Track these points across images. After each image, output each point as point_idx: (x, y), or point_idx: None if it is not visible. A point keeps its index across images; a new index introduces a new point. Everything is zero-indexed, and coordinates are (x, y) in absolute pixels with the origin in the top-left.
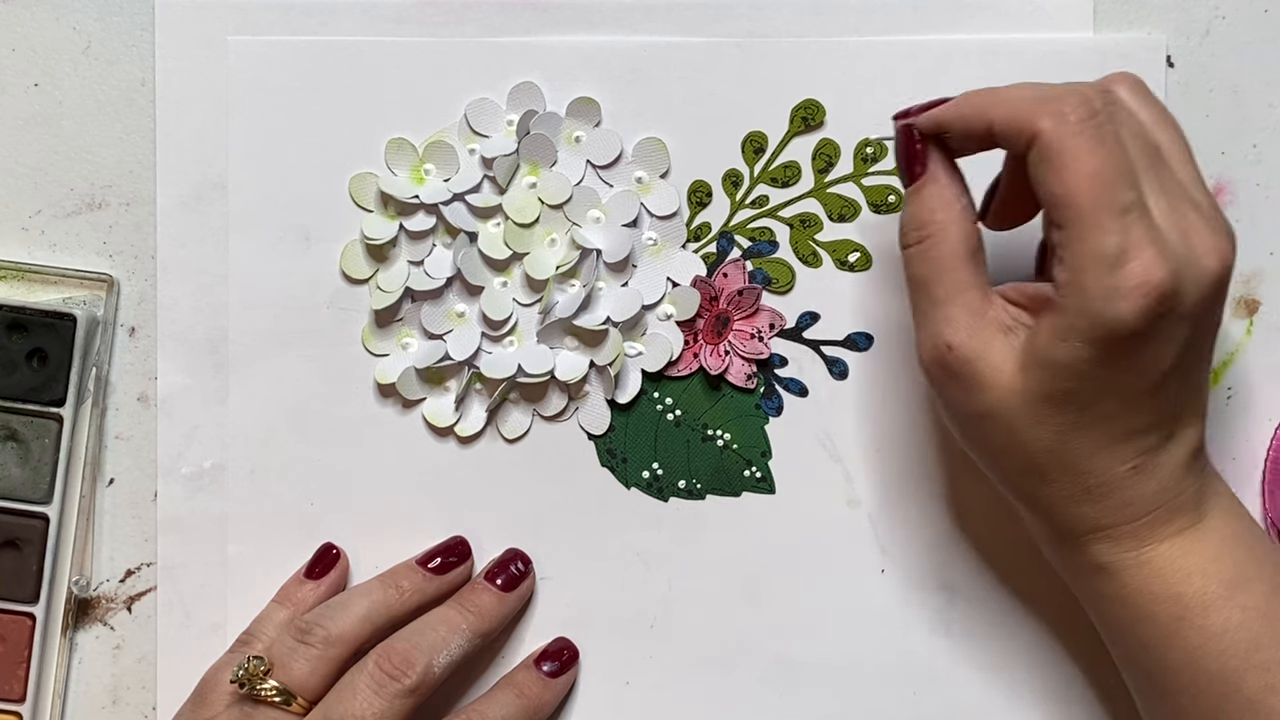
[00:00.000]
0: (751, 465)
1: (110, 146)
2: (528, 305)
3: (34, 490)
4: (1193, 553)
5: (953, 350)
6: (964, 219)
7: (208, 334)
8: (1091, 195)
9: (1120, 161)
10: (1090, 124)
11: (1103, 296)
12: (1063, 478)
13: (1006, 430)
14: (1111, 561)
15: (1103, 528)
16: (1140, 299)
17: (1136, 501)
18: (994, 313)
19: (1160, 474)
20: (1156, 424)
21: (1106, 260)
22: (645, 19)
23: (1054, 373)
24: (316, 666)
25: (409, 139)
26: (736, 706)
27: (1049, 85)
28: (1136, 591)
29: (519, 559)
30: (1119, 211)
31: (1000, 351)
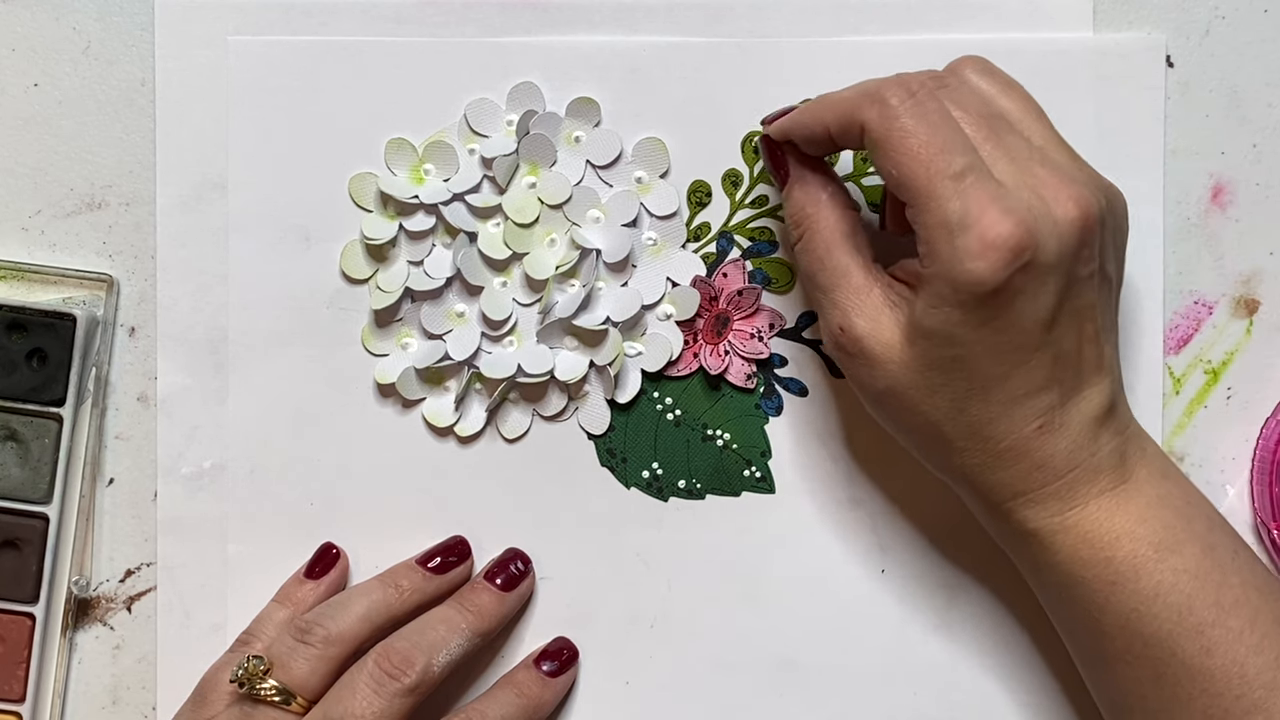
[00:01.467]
0: (751, 465)
1: (110, 146)
2: (527, 305)
3: (34, 490)
4: (1119, 515)
5: (844, 332)
6: (832, 207)
7: (208, 334)
8: (923, 169)
9: (947, 133)
10: (910, 103)
11: (956, 260)
12: (972, 445)
13: (908, 404)
14: (1038, 527)
15: (1022, 492)
16: (992, 256)
17: (1049, 463)
18: (879, 291)
19: (1070, 432)
20: (1054, 380)
21: (951, 226)
22: (645, 19)
23: (934, 341)
24: (316, 666)
25: (409, 139)
26: (736, 706)
27: (876, 80)
28: (1067, 557)
29: (519, 559)
30: (953, 178)
31: (888, 328)
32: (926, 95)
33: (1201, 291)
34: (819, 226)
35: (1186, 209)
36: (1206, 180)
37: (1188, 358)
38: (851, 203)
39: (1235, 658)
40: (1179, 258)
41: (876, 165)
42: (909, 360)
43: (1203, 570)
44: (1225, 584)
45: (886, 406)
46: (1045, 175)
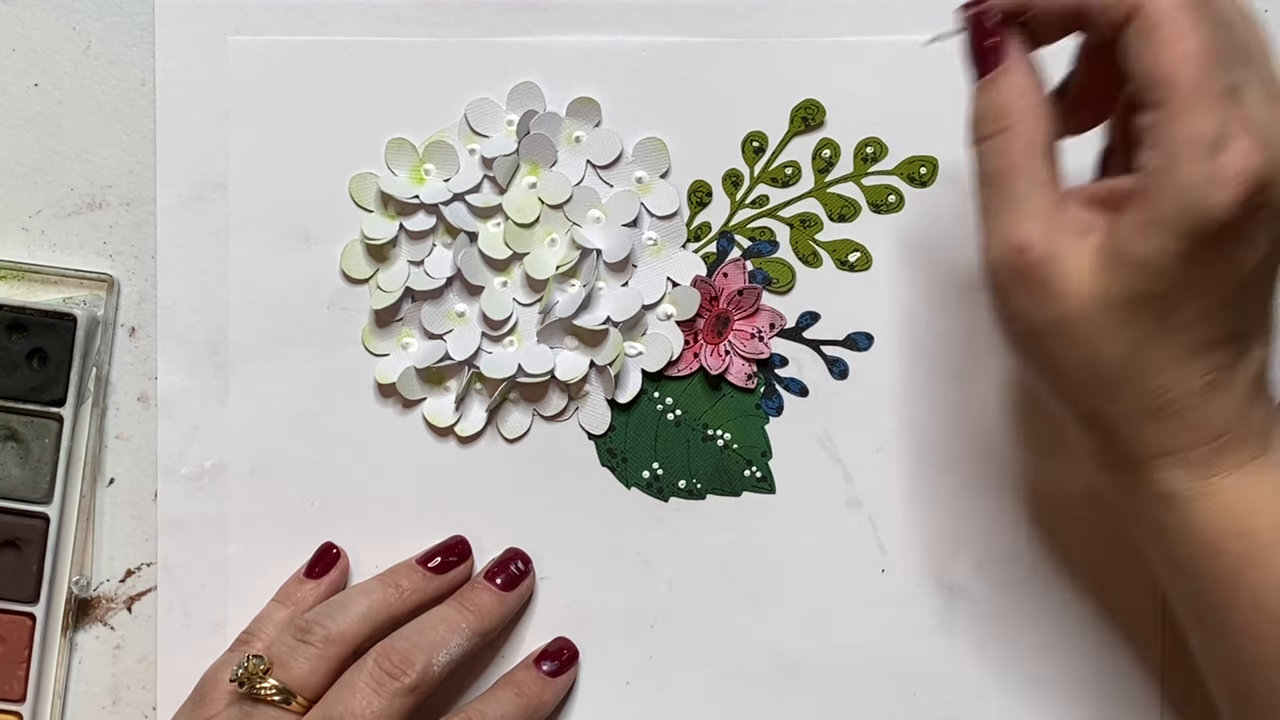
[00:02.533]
0: (751, 465)
1: (110, 146)
2: (528, 305)
3: (34, 490)
4: (1261, 486)
5: (1026, 251)
6: (1045, 111)
7: (208, 334)
8: (1194, 74)
9: (1223, 44)
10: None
11: (1199, 184)
12: (1133, 394)
13: (1078, 341)
14: (1176, 490)
15: (1170, 451)
16: (1238, 186)
17: (1207, 423)
18: (1071, 213)
19: (1233, 393)
20: (1232, 336)
21: (1204, 144)
22: (645, 19)
23: (1136, 271)
24: (316, 665)
25: (409, 139)
26: (736, 706)
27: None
28: (1203, 526)
29: (519, 559)
30: (1219, 94)
31: (1075, 255)
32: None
33: None
34: (1029, 126)
35: None
36: None
37: None
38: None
39: None
40: None
41: (1131, 51)
42: (1095, 291)
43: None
44: None
45: (1047, 343)
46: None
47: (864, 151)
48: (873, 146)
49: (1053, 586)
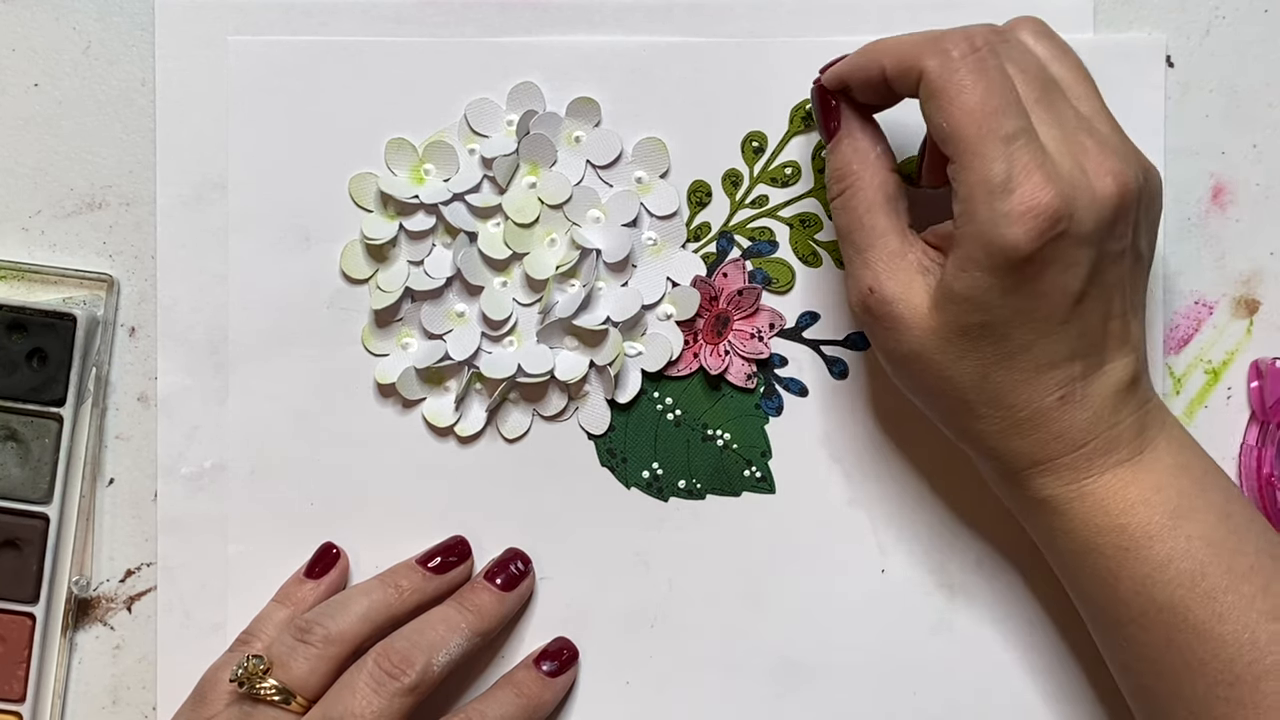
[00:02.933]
0: (751, 465)
1: (110, 146)
2: (528, 305)
3: (34, 490)
4: (1135, 484)
5: (873, 293)
6: (879, 168)
7: (208, 334)
8: (975, 125)
9: (1004, 92)
10: (972, 58)
11: (993, 222)
12: (992, 412)
13: (932, 368)
14: (1054, 495)
15: (1040, 461)
16: (1030, 222)
17: (1069, 433)
18: (913, 255)
19: (1091, 404)
20: (1078, 353)
21: (993, 187)
22: (645, 19)
23: (963, 306)
24: (316, 665)
25: (409, 139)
26: (736, 706)
27: (937, 30)
28: (1081, 524)
29: (519, 559)
30: (1003, 139)
31: (919, 292)
32: (989, 52)
33: (1201, 291)
34: (863, 184)
35: (1186, 209)
36: (1206, 180)
37: (1188, 358)
38: (896, 165)
39: (1247, 624)
40: (1179, 258)
41: (927, 114)
42: (935, 325)
43: (1217, 537)
44: (1239, 551)
45: (910, 371)
46: (1090, 146)
47: None
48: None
49: (1052, 586)
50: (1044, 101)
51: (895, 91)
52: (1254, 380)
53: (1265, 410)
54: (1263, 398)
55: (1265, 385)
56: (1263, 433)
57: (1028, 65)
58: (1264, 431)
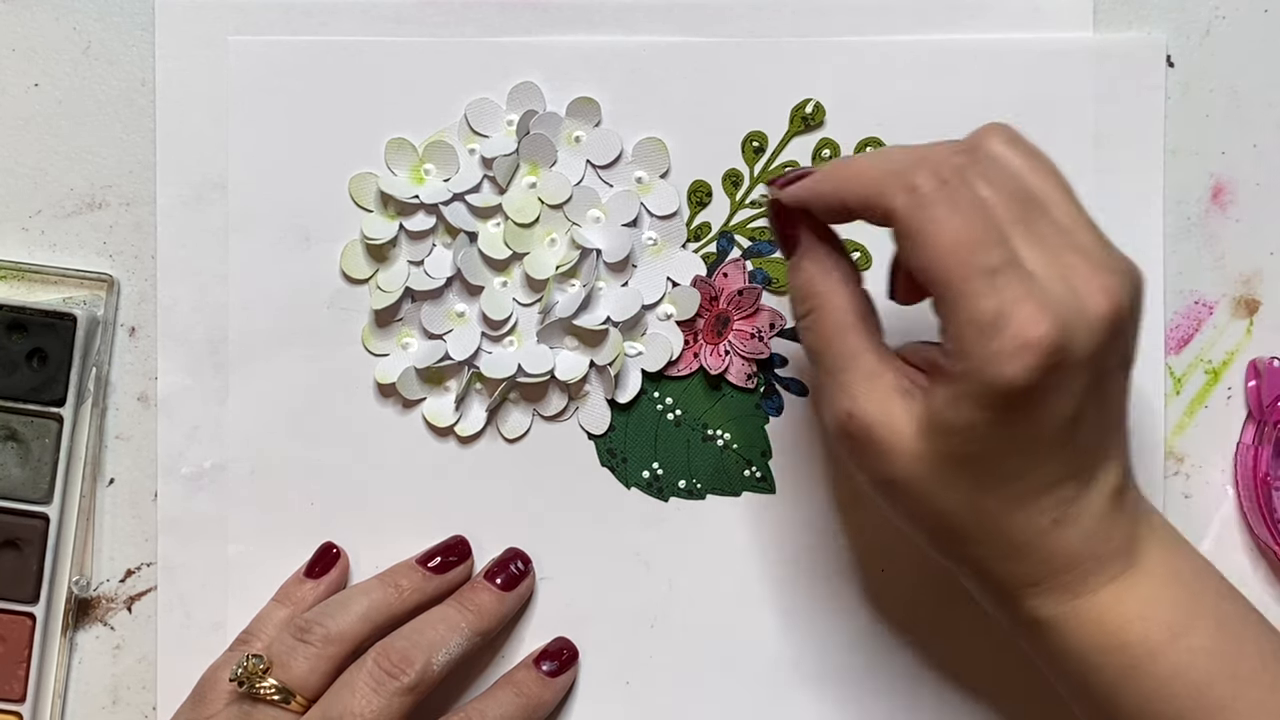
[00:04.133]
0: (751, 465)
1: (110, 146)
2: (528, 305)
3: (34, 490)
4: (1130, 599)
5: (853, 418)
6: (844, 287)
7: (208, 334)
8: (956, 264)
9: (981, 223)
10: (942, 191)
11: (987, 361)
12: (984, 538)
13: (918, 495)
14: (1049, 616)
15: (1033, 583)
16: (1027, 357)
17: (1062, 554)
18: (891, 376)
19: (1083, 522)
20: (1070, 474)
21: (983, 325)
22: (645, 19)
23: (953, 438)
24: (315, 665)
25: (409, 139)
26: (736, 706)
27: (901, 153)
28: (1079, 644)
29: (519, 558)
30: (988, 274)
31: (900, 416)
32: (959, 181)
33: (1201, 291)
34: (830, 305)
35: (1186, 209)
36: (1206, 180)
37: (1188, 358)
38: (861, 280)
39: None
40: (1179, 258)
41: (901, 251)
42: (922, 452)
43: (1218, 646)
44: (1241, 655)
45: (893, 496)
46: (1077, 263)
47: (864, 151)
48: (872, 146)
49: None
50: (1024, 221)
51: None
52: (1251, 379)
53: (1262, 410)
54: (1260, 397)
55: (1263, 385)
56: (1259, 432)
57: (1002, 184)
58: (1261, 431)
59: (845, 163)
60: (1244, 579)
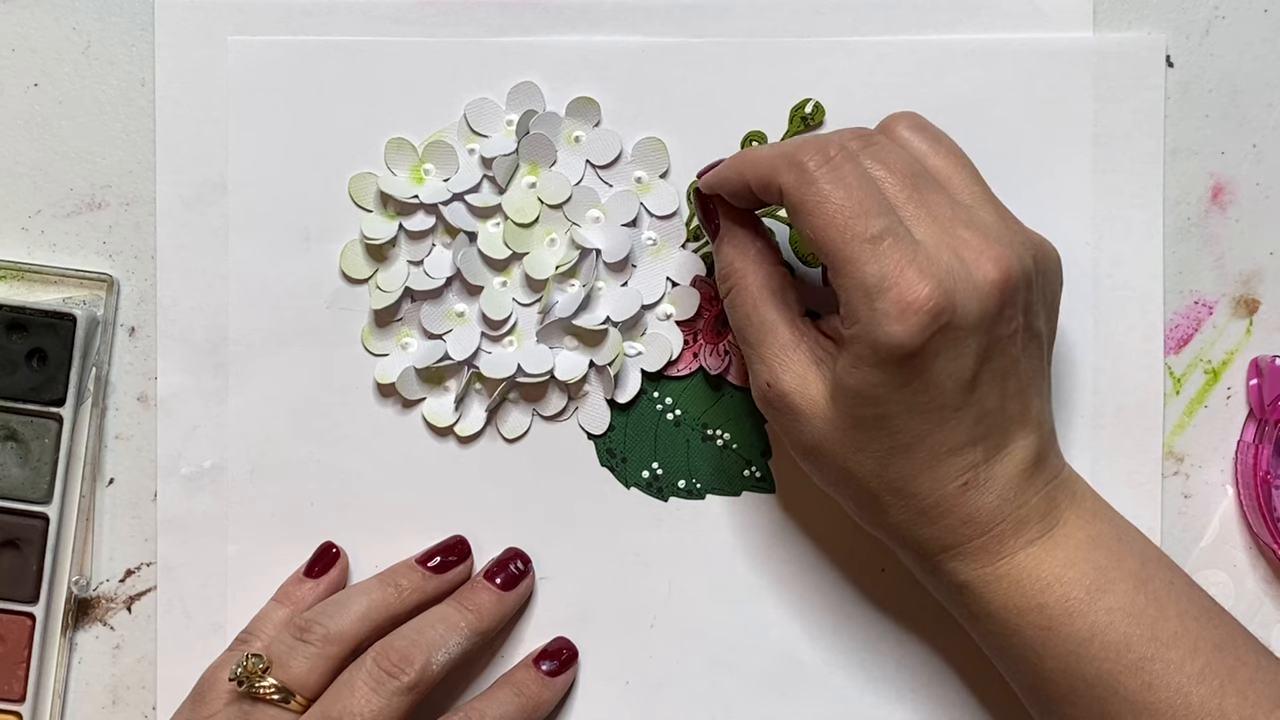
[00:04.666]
0: (751, 465)
1: (110, 146)
2: (527, 305)
3: (34, 490)
4: (1048, 561)
5: (771, 388)
6: (759, 264)
7: (208, 334)
8: (839, 232)
9: (862, 195)
10: (826, 168)
11: (874, 323)
12: (897, 501)
13: (834, 459)
14: (969, 579)
15: (950, 547)
16: (911, 318)
17: (976, 518)
18: (807, 346)
19: (995, 487)
20: (977, 438)
21: (868, 289)
22: (645, 19)
23: (856, 400)
24: (315, 664)
25: (409, 139)
26: (736, 706)
27: (797, 140)
28: (1000, 606)
29: (518, 558)
30: (870, 240)
31: (814, 384)
32: (843, 158)
33: (1201, 291)
34: (746, 282)
35: (1186, 209)
36: (1206, 180)
37: (1188, 358)
38: (780, 258)
39: (1179, 689)
40: (1179, 258)
41: (796, 227)
42: (833, 417)
43: (1136, 606)
44: (1161, 617)
45: (814, 461)
46: (968, 236)
47: None
48: None
49: None
50: (915, 198)
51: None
52: (1253, 378)
53: (1263, 408)
54: (1261, 396)
55: (1264, 383)
56: (1260, 431)
57: (895, 163)
58: (1261, 429)
59: (749, 150)
60: (1243, 578)
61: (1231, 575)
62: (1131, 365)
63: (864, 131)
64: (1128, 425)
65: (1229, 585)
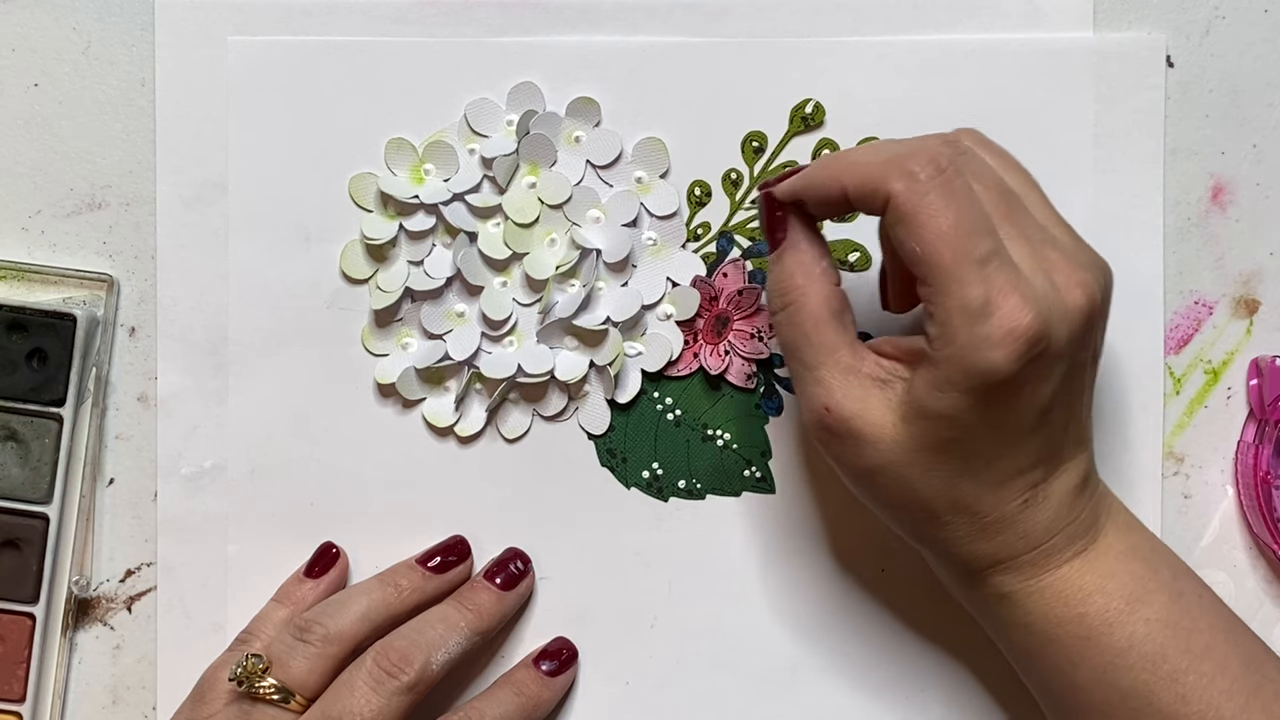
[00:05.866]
0: (751, 465)
1: (110, 146)
2: (528, 305)
3: (34, 490)
4: (1090, 572)
5: (830, 412)
6: (824, 282)
7: (208, 334)
8: (950, 250)
9: (974, 212)
10: (939, 180)
11: (973, 347)
12: (956, 519)
13: (897, 481)
14: (1012, 590)
15: (1000, 561)
16: (1011, 345)
17: (1031, 533)
18: (867, 368)
19: (1051, 504)
20: (1042, 459)
21: (972, 312)
22: (645, 19)
23: (935, 423)
24: (315, 664)
25: (409, 139)
26: (736, 706)
27: (897, 144)
28: (1040, 616)
29: (518, 558)
30: (979, 262)
31: (878, 406)
32: (954, 171)
33: (1201, 291)
34: (808, 300)
35: (1186, 209)
36: (1206, 180)
37: (1188, 358)
38: (839, 279)
39: (1211, 703)
40: (1179, 258)
41: (896, 238)
42: (902, 439)
43: (1172, 618)
44: (1195, 630)
45: (872, 484)
46: (1056, 259)
47: None
48: None
49: None
50: (1009, 216)
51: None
52: (1253, 378)
53: (1264, 408)
54: (1262, 396)
55: (1264, 383)
56: (1260, 431)
57: (988, 179)
58: (1262, 430)
59: (840, 153)
60: (1243, 578)
61: (1231, 575)
62: (1131, 365)
63: (953, 140)
64: (1128, 425)
65: (1229, 585)
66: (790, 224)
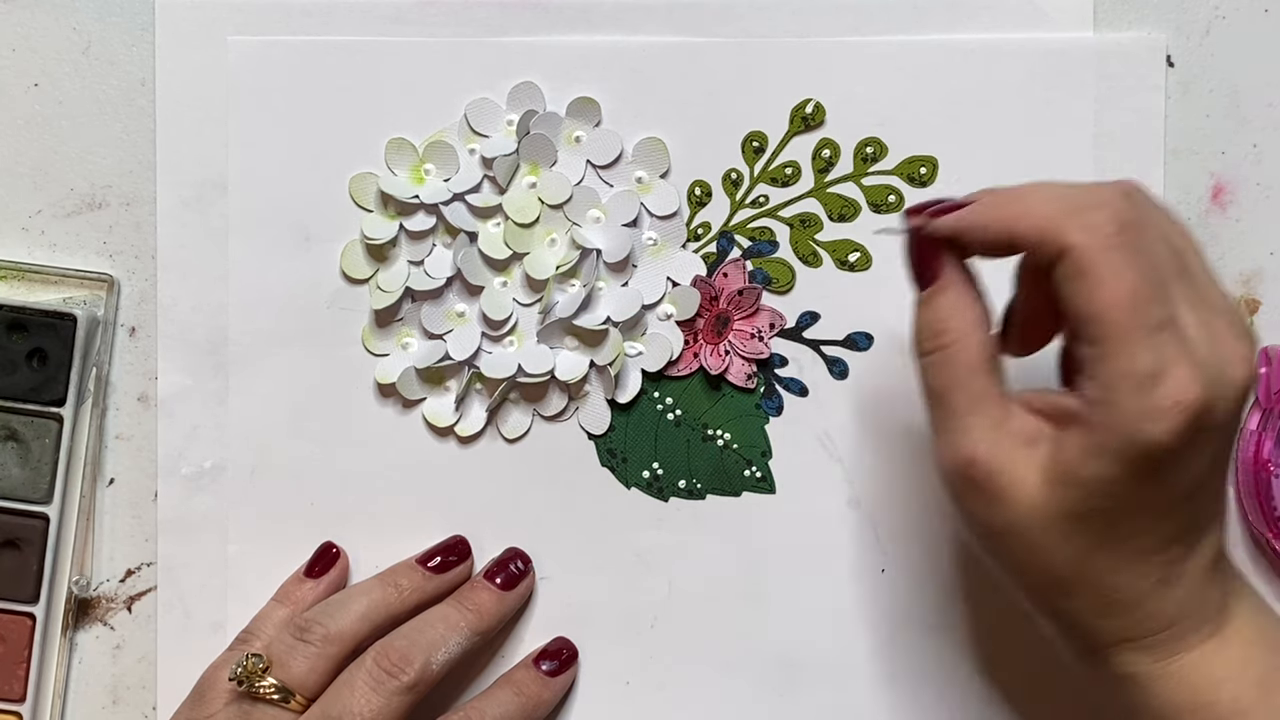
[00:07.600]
0: (751, 465)
1: (110, 146)
2: (528, 305)
3: (34, 490)
4: (1221, 658)
5: (975, 465)
6: (981, 327)
7: (208, 334)
8: (1126, 314)
9: (1153, 276)
10: (1121, 238)
11: (1137, 417)
12: (1087, 592)
13: (1030, 545)
14: (1138, 672)
15: (1128, 639)
16: (1177, 417)
17: (1162, 613)
18: (1015, 423)
19: (1185, 583)
20: (1181, 536)
21: (1140, 379)
22: (645, 19)
23: (1082, 490)
24: (315, 664)
25: (409, 139)
26: (736, 706)
27: (1074, 191)
28: (1165, 702)
29: (518, 558)
30: (1153, 329)
31: (1023, 465)
32: (1137, 231)
33: None
34: (966, 345)
35: (1186, 209)
36: (1206, 180)
37: None
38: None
39: None
40: None
41: (1064, 290)
42: (1043, 503)
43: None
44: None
45: (1003, 544)
46: (1222, 329)
47: (864, 151)
48: (872, 146)
49: None
50: (1180, 280)
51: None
52: (1262, 366)
53: (1269, 397)
54: (1268, 384)
55: (1272, 372)
56: (1264, 419)
57: (1163, 239)
58: (1265, 418)
59: (1011, 196)
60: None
61: None
62: None
63: (1131, 191)
64: None
65: None
66: (946, 263)
